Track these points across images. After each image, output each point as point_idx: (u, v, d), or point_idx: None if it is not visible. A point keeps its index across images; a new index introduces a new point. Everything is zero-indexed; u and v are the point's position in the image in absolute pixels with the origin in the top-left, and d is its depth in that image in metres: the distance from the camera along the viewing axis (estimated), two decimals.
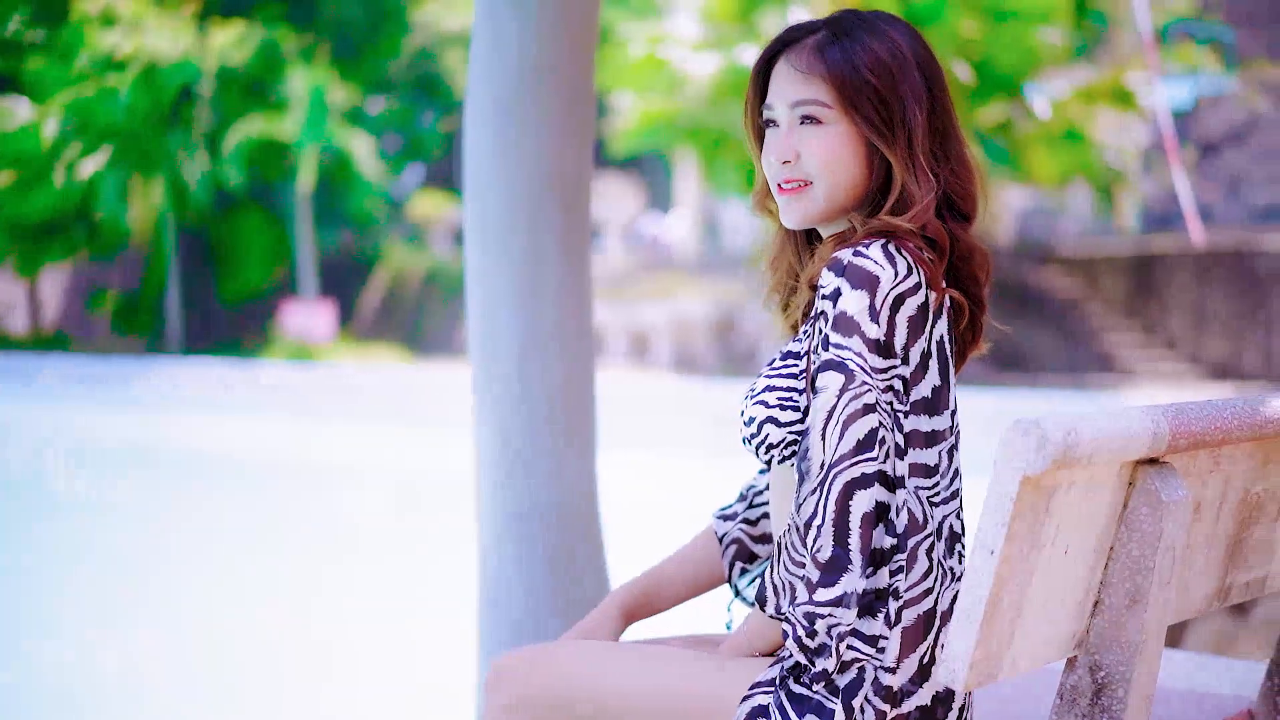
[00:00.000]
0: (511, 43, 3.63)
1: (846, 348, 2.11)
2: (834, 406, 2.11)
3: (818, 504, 2.10)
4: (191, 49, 30.62)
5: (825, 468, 2.10)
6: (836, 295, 2.13)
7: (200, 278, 33.60)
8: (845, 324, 2.12)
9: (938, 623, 2.18)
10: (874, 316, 2.12)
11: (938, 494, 2.20)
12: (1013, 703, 2.68)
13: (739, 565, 2.56)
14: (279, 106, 30.84)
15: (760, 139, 2.36)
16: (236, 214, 32.79)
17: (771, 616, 2.18)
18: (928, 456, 2.18)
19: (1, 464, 16.17)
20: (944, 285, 2.22)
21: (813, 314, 2.18)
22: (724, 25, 23.61)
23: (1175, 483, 2.14)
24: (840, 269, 2.14)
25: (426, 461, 15.51)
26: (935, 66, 2.29)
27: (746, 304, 26.81)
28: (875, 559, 2.12)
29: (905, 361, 2.16)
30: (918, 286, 2.16)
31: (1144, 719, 2.17)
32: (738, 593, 2.55)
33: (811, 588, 2.10)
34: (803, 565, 2.11)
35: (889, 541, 2.14)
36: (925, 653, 2.17)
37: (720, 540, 2.57)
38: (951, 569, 2.21)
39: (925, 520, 2.18)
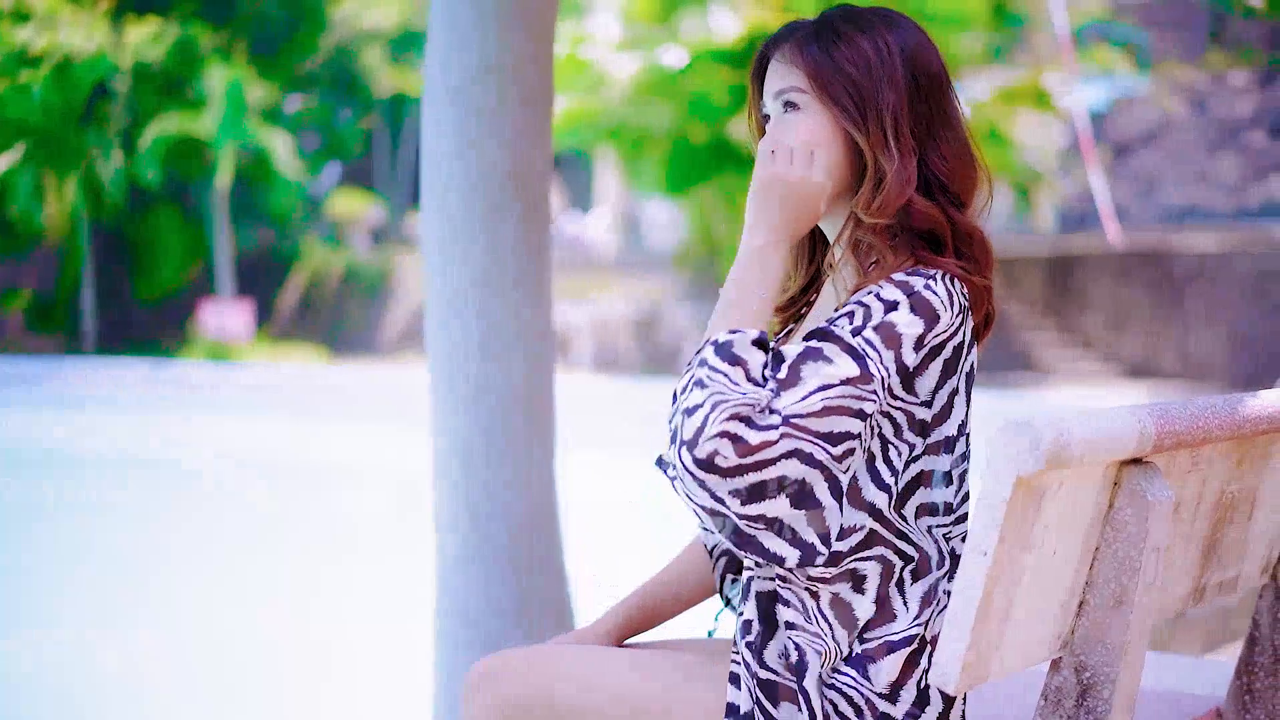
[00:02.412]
0: (470, 40, 3.60)
1: (877, 352, 2.08)
2: (831, 386, 2.04)
3: (754, 434, 2.00)
4: (106, 45, 30.22)
5: (785, 418, 2.01)
6: (893, 306, 2.11)
7: (116, 276, 33.18)
8: (889, 335, 2.09)
9: (929, 648, 2.17)
10: (917, 348, 2.10)
11: (954, 527, 2.21)
12: (995, 704, 2.67)
13: (729, 577, 2.52)
14: (196, 104, 30.51)
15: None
16: (153, 212, 32.41)
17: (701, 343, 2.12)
18: (945, 495, 2.19)
19: None
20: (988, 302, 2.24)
21: (848, 302, 2.15)
22: (645, 25, 23.63)
23: (1160, 483, 2.14)
24: (909, 291, 2.12)
25: (355, 457, 15.41)
26: (927, 56, 2.27)
27: (668, 303, 26.83)
28: (769, 524, 2.03)
29: (927, 405, 2.15)
30: (960, 328, 2.16)
31: (1128, 719, 2.17)
32: (728, 603, 2.52)
33: (689, 448, 2.00)
34: (709, 415, 2.00)
35: (811, 536, 2.06)
36: (920, 677, 2.16)
37: (710, 552, 2.53)
38: (948, 592, 2.20)
39: (941, 558, 2.18)
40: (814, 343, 2.09)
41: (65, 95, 30.12)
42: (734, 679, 2.17)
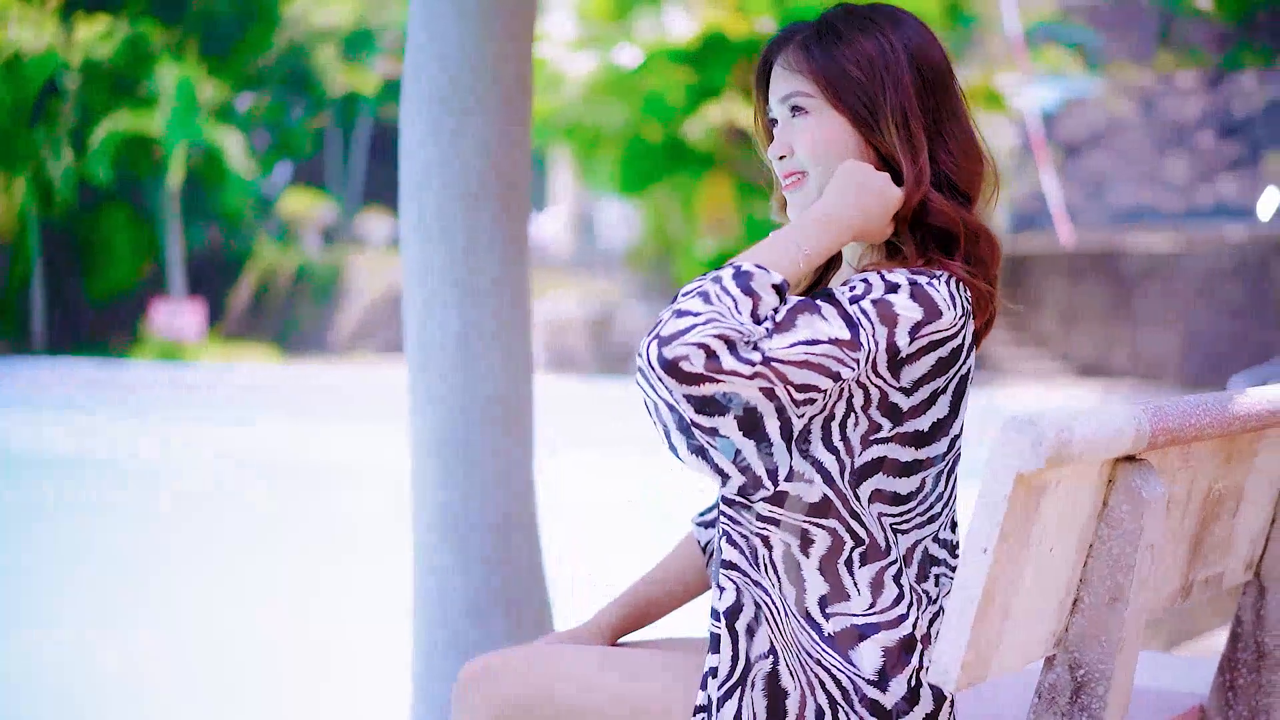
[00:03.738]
0: (449, 38, 3.58)
1: (871, 324, 2.07)
2: (818, 341, 2.02)
3: (730, 360, 1.98)
4: (56, 43, 30.02)
5: (765, 358, 1.99)
6: (894, 288, 2.10)
7: (66, 276, 32.93)
8: (886, 313, 2.08)
9: (920, 646, 2.16)
10: (912, 335, 2.09)
11: (906, 521, 2.18)
12: (989, 702, 2.67)
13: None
14: (147, 102, 30.33)
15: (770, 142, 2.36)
16: (103, 211, 32.20)
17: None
18: (899, 485, 2.17)
19: None
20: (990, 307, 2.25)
21: (852, 278, 2.14)
22: (600, 24, 23.63)
23: (1154, 480, 2.14)
24: (913, 284, 2.12)
25: (330, 457, 15.35)
26: (930, 50, 2.27)
27: (623, 303, 26.83)
28: (702, 405, 1.98)
29: (906, 393, 2.13)
30: (960, 331, 2.15)
31: (1122, 717, 2.17)
32: None
33: (661, 343, 1.98)
34: (700, 328, 1.98)
35: (759, 468, 2.04)
36: (912, 675, 2.15)
37: (704, 549, 2.53)
38: (926, 593, 2.20)
39: (888, 547, 2.16)
40: (808, 299, 2.08)
41: (14, 93, 29.89)
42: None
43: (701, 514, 2.56)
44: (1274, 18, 28.85)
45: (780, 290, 2.07)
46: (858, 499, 2.15)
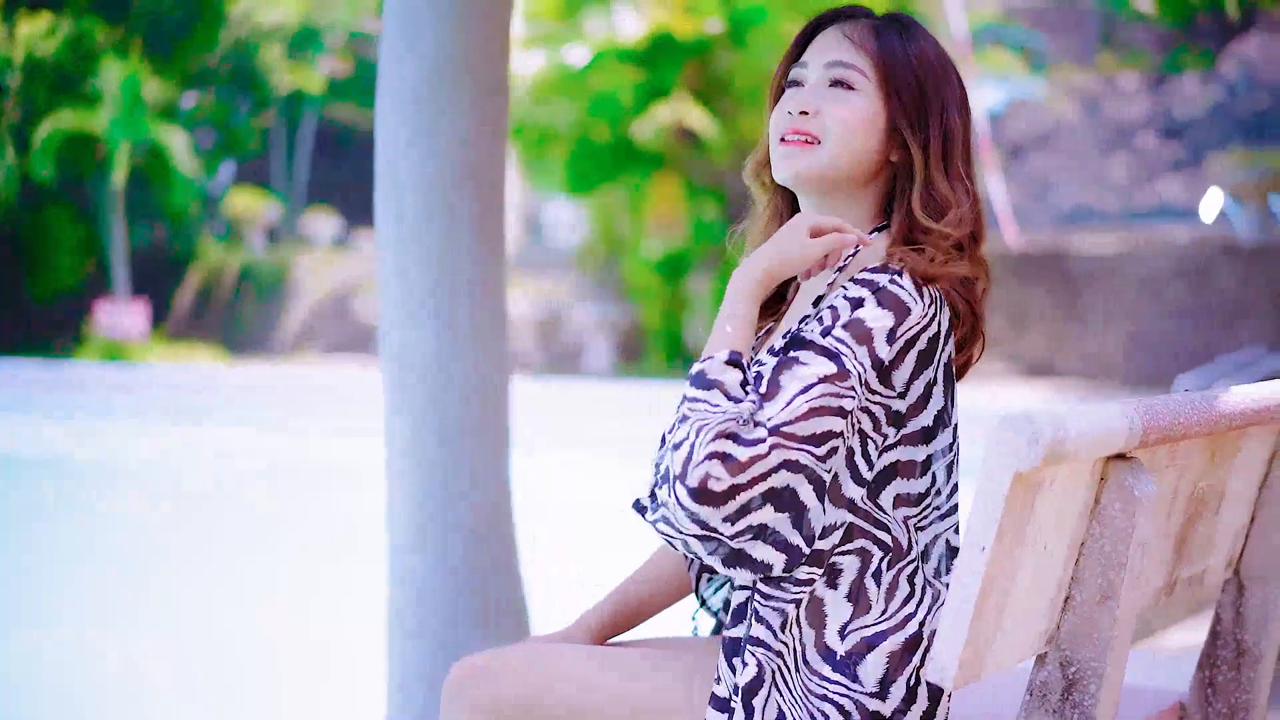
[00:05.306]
0: (425, 35, 3.56)
1: (850, 349, 2.07)
2: (811, 386, 2.04)
3: (752, 452, 2.00)
4: None
5: (772, 428, 2.01)
6: (859, 303, 2.10)
7: (8, 275, 32.58)
8: (860, 332, 2.08)
9: (924, 643, 2.16)
10: (890, 340, 2.09)
11: (925, 517, 2.19)
12: (980, 701, 2.67)
13: (705, 576, 2.50)
14: (91, 100, 30.06)
15: (778, 100, 2.33)
16: (46, 209, 31.86)
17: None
18: (918, 485, 2.17)
19: None
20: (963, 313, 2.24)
21: (820, 306, 2.15)
22: (549, 23, 23.59)
23: (1145, 478, 2.14)
24: (874, 288, 2.11)
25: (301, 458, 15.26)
26: (966, 95, 2.30)
27: (570, 303, 26.80)
28: (753, 531, 2.03)
29: (902, 396, 2.14)
30: (934, 319, 2.15)
31: (1113, 714, 2.18)
32: (703, 603, 2.50)
33: (683, 479, 1.99)
34: (694, 440, 2.01)
35: (796, 539, 2.06)
36: (911, 675, 2.15)
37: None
38: (946, 585, 2.19)
39: (909, 546, 2.17)
40: (788, 353, 2.08)
41: None
42: (718, 703, 2.17)
43: None
44: (1214, 20, 29.12)
45: (735, 362, 2.08)
46: (880, 509, 2.15)
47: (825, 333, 2.09)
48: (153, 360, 28.72)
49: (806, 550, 2.07)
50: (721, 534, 2.00)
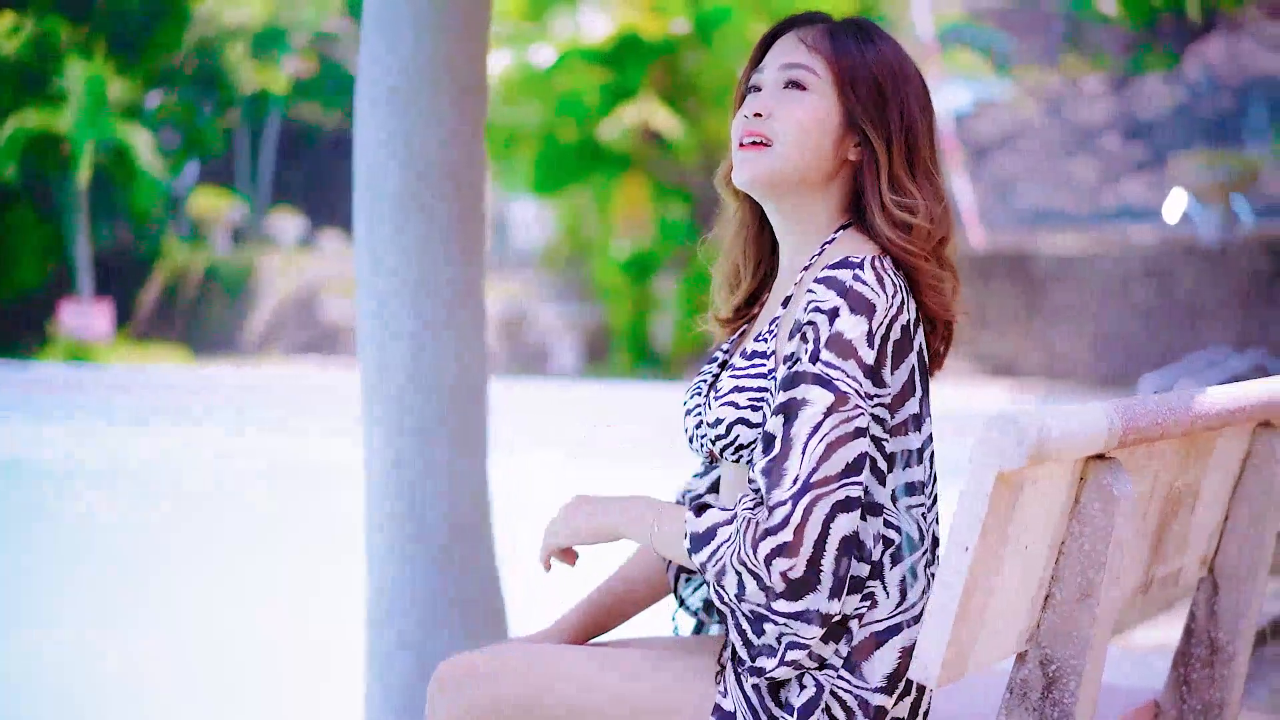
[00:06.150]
0: (404, 36, 3.56)
1: (840, 369, 2.09)
2: (820, 424, 2.07)
3: (791, 519, 2.05)
4: None
5: (803, 485, 2.05)
6: (835, 315, 2.11)
7: None
8: (842, 346, 2.10)
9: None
10: (870, 343, 2.11)
11: (928, 509, 2.22)
12: (960, 699, 2.70)
13: (683, 576, 2.52)
14: (55, 99, 29.90)
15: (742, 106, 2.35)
16: (9, 209, 31.67)
17: (693, 564, 2.15)
18: (916, 474, 2.19)
19: None
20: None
21: (798, 324, 2.14)
22: (516, 23, 23.57)
23: (1124, 477, 2.17)
24: (842, 290, 2.12)
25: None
26: (930, 101, 2.31)
27: (535, 303, 26.78)
28: (846, 586, 2.10)
29: (891, 386, 2.16)
30: (903, 306, 2.16)
31: (1092, 712, 2.20)
32: (682, 603, 2.51)
33: (772, 596, 2.06)
34: (746, 564, 2.06)
35: (863, 569, 2.13)
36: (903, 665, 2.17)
37: None
38: (934, 575, 2.22)
39: (921, 537, 2.19)
40: (783, 396, 2.10)
41: None
42: (722, 715, 2.18)
43: None
44: (1177, 22, 29.29)
45: (697, 506, 2.16)
46: (893, 504, 2.17)
47: (814, 358, 2.10)
48: (117, 361, 28.58)
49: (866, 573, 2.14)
50: (833, 612, 2.07)
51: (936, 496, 2.25)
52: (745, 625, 2.10)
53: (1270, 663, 4.76)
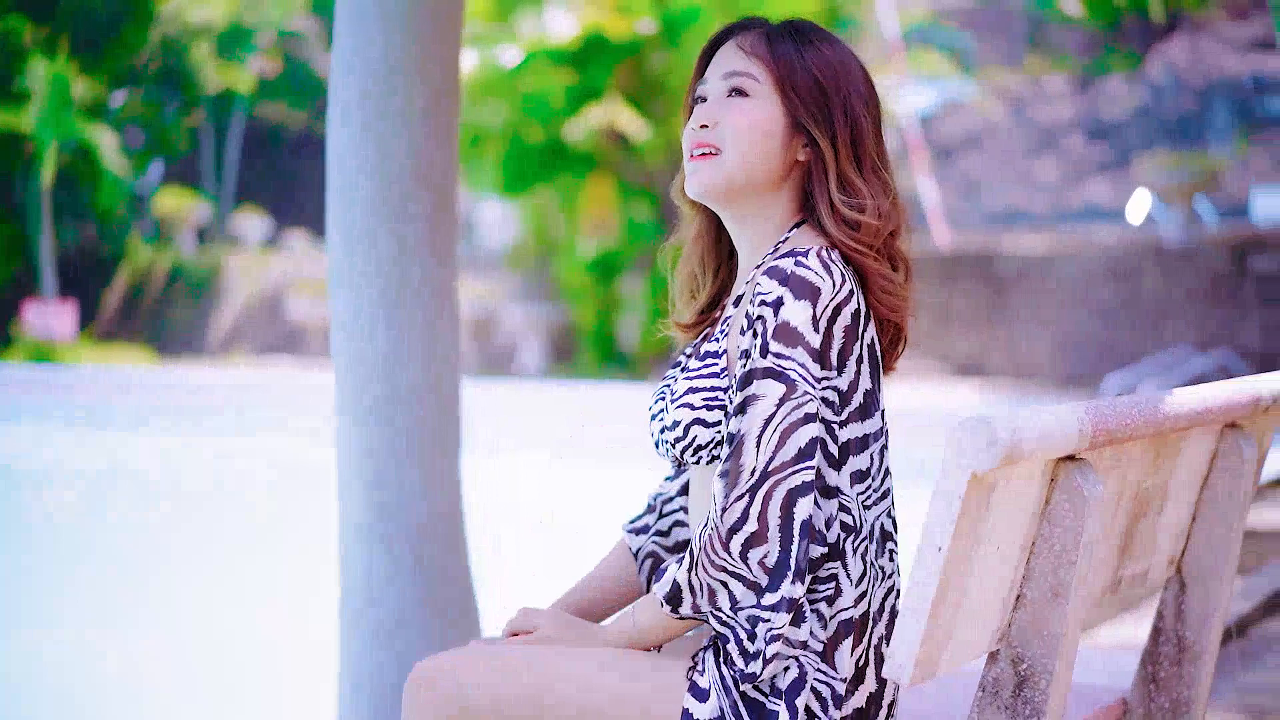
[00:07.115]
0: (375, 41, 3.56)
1: (789, 358, 2.11)
2: (772, 415, 2.10)
3: (751, 510, 2.09)
4: None
5: (760, 474, 2.09)
6: (779, 304, 2.13)
7: None
8: (788, 334, 2.12)
9: (870, 623, 2.20)
10: (815, 327, 2.13)
11: (870, 496, 2.22)
12: (931, 698, 2.72)
13: (656, 577, 2.53)
14: (18, 98, 29.75)
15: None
16: None
17: (683, 616, 2.18)
18: (861, 461, 2.20)
19: None
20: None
21: (748, 318, 2.17)
22: (482, 24, 23.54)
23: (1094, 478, 2.19)
24: (783, 278, 2.14)
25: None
26: (876, 97, 2.32)
27: (503, 304, 26.77)
28: (807, 569, 2.13)
29: (841, 371, 2.17)
30: (851, 294, 2.17)
31: (1063, 710, 2.23)
32: None
33: (759, 591, 2.10)
34: (725, 569, 2.10)
35: (818, 551, 2.16)
36: (861, 655, 2.19)
37: (635, 556, 2.53)
38: (882, 568, 2.23)
39: (859, 524, 2.20)
40: (739, 396, 2.13)
41: None
42: (697, 691, 2.19)
43: (632, 522, 2.57)
44: (1140, 22, 29.44)
45: (661, 601, 2.20)
46: (842, 490, 2.20)
47: (764, 351, 2.13)
48: (81, 361, 28.46)
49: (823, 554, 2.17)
50: (797, 596, 2.11)
51: (889, 491, 2.27)
52: (741, 634, 2.12)
53: (1237, 661, 4.80)
